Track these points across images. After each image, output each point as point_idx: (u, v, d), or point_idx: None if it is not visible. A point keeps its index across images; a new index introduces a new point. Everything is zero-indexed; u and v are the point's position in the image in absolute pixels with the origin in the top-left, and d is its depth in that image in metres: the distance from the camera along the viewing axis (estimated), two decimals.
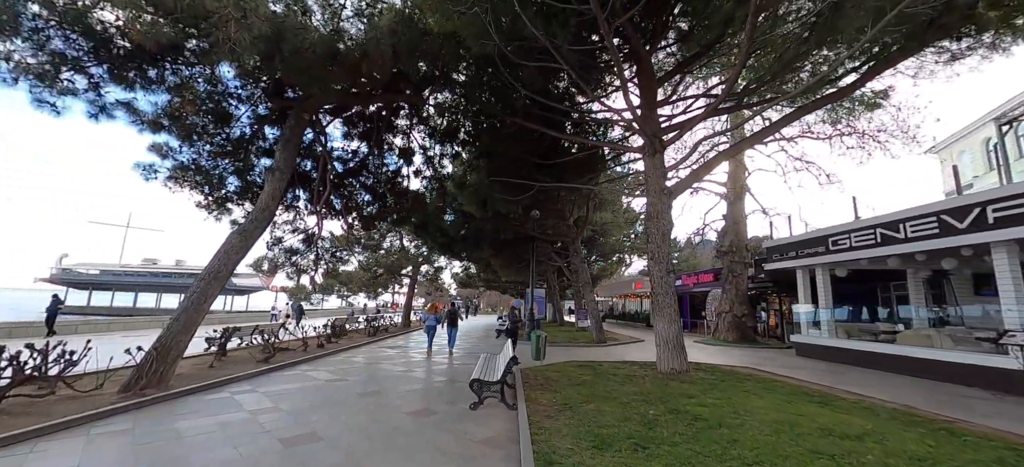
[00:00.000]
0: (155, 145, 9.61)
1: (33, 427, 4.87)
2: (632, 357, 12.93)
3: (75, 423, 5.25)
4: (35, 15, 6.11)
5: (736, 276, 17.34)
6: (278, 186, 8.78)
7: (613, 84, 11.34)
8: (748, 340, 16.82)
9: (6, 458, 4.25)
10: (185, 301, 7.53)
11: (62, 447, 4.55)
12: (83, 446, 4.60)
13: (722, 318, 17.60)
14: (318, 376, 8.84)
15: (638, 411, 5.87)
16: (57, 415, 5.41)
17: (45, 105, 6.83)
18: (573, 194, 15.93)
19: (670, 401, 6.46)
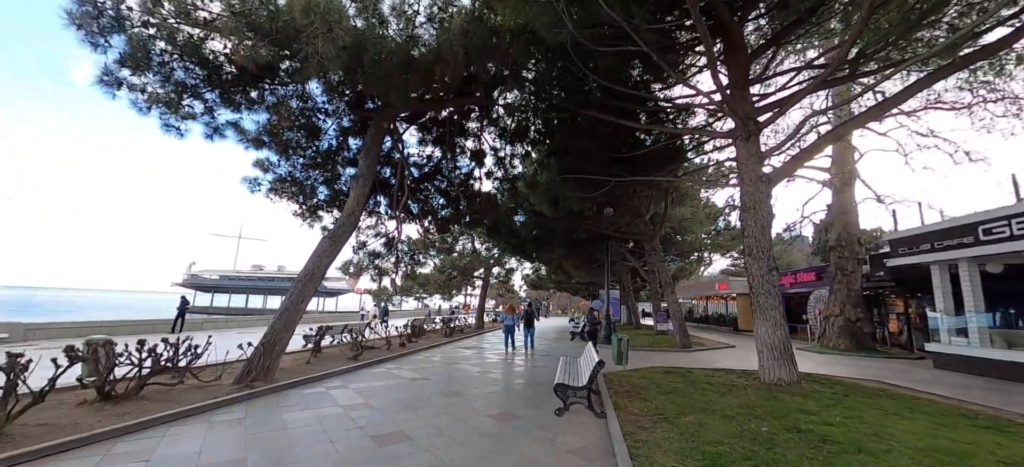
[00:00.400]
0: (258, 161, 10.63)
1: (166, 413, 5.46)
2: (724, 364, 11.78)
3: (199, 410, 5.82)
4: (162, 50, 6.98)
5: (847, 274, 15.12)
6: (362, 192, 9.22)
7: (695, 65, 10.44)
8: (864, 348, 14.56)
9: (147, 439, 4.77)
10: (285, 301, 8.15)
11: (189, 431, 5.03)
12: (205, 431, 5.05)
13: (830, 322, 15.44)
14: (402, 374, 9.11)
15: (748, 427, 5.14)
16: (185, 402, 6.06)
17: (172, 129, 7.84)
18: (649, 189, 14.99)
19: (785, 417, 5.62)
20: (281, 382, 7.47)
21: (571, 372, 7.08)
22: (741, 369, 10.08)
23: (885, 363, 12.50)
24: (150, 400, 6.09)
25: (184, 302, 15.68)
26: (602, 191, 11.77)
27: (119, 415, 5.40)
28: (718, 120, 12.35)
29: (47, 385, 4.94)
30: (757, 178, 8.63)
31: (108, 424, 5.01)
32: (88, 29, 6.16)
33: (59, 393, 6.01)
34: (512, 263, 27.54)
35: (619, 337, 9.90)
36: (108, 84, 6.85)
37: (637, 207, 16.22)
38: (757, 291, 8.36)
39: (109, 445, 4.52)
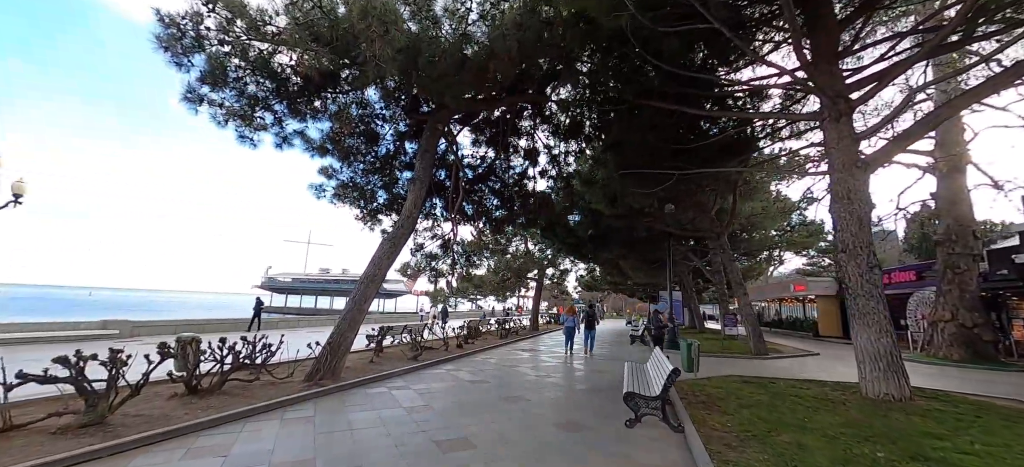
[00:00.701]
0: (323, 168, 11.13)
1: (244, 408, 5.71)
2: (808, 374, 10.59)
3: (272, 407, 6.04)
4: (236, 66, 7.43)
5: (959, 273, 13.06)
6: (419, 194, 9.29)
7: (771, 40, 9.44)
8: (984, 358, 12.45)
9: (226, 434, 4.97)
10: (349, 303, 8.37)
11: (264, 428, 5.20)
12: (278, 429, 5.19)
13: (939, 329, 13.42)
14: (461, 376, 9.04)
15: (859, 452, 4.40)
16: (261, 398, 6.34)
17: (246, 140, 8.36)
18: (715, 183, 13.89)
19: (903, 441, 4.77)
20: (347, 381, 7.65)
21: (640, 380, 6.57)
22: (834, 381, 8.93)
23: (1018, 377, 10.57)
24: (230, 395, 6.44)
25: (259, 303, 16.89)
26: (664, 186, 11.02)
27: (204, 409, 5.73)
28: (796, 102, 11.14)
29: (142, 379, 5.33)
30: (851, 163, 7.58)
31: (193, 417, 5.30)
32: (173, 51, 6.68)
33: (153, 386, 6.51)
34: (566, 264, 27.02)
35: (689, 342, 9.16)
36: (191, 101, 7.42)
37: (702, 202, 15.12)
38: (855, 293, 7.32)
39: (193, 439, 4.75)
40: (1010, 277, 12.78)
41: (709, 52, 9.25)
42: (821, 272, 36.75)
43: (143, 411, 5.54)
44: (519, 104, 11.82)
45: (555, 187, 13.50)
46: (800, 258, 35.18)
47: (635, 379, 6.57)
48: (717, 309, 54.81)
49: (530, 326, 24.04)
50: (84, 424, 4.68)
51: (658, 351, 7.88)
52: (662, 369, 6.13)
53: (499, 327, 19.53)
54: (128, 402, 5.29)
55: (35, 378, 4.50)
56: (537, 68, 10.27)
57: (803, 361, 13.36)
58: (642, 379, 6.68)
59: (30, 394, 5.27)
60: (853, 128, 7.80)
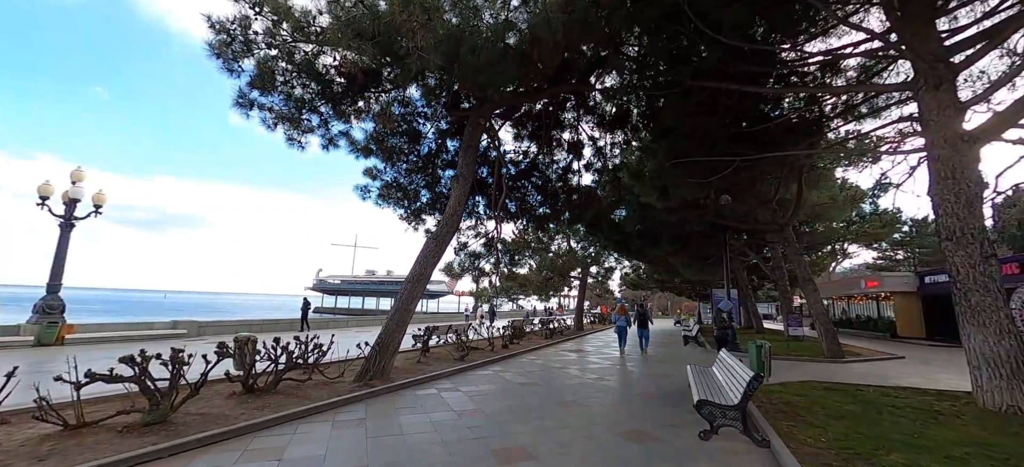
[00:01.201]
0: (367, 170, 11.22)
1: (297, 409, 5.67)
2: (897, 380, 9.40)
3: (325, 408, 5.98)
4: (283, 70, 7.52)
5: None
6: (462, 191, 9.07)
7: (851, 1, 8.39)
8: None
9: (280, 436, 4.91)
10: (396, 303, 8.28)
11: (316, 431, 5.10)
12: (330, 431, 5.08)
13: None
14: (510, 378, 8.72)
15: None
16: (313, 399, 6.31)
17: (294, 143, 8.50)
18: (779, 170, 12.76)
19: None
20: (395, 382, 7.53)
21: (709, 385, 5.95)
22: (935, 389, 7.82)
23: None
24: (284, 394, 6.46)
25: (306, 304, 17.42)
26: (721, 175, 10.17)
27: (259, 408, 5.74)
28: (875, 74, 9.90)
29: (201, 379, 5.39)
30: (955, 137, 6.55)
31: (250, 417, 5.30)
32: (225, 57, 6.84)
33: (213, 385, 6.67)
34: (610, 262, 26.15)
35: (759, 344, 8.32)
36: (243, 106, 7.60)
37: (762, 192, 13.96)
38: (966, 287, 6.31)
39: (249, 439, 4.71)
40: None
41: (776, 21, 8.36)
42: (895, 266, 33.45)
43: (204, 409, 5.62)
44: (562, 95, 11.36)
45: (600, 181, 12.92)
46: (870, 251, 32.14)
47: (703, 385, 5.96)
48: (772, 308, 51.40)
49: (574, 326, 23.44)
50: (148, 422, 4.76)
51: (725, 353, 7.18)
52: (736, 374, 5.50)
53: (543, 327, 19.12)
54: (189, 401, 5.38)
55: (102, 377, 4.61)
56: (581, 56, 9.79)
57: (886, 365, 11.95)
58: (711, 385, 6.05)
59: (103, 391, 5.47)
60: (957, 96, 6.75)
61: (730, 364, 6.24)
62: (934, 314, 21.58)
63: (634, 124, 11.52)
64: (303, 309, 17.24)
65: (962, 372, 11.22)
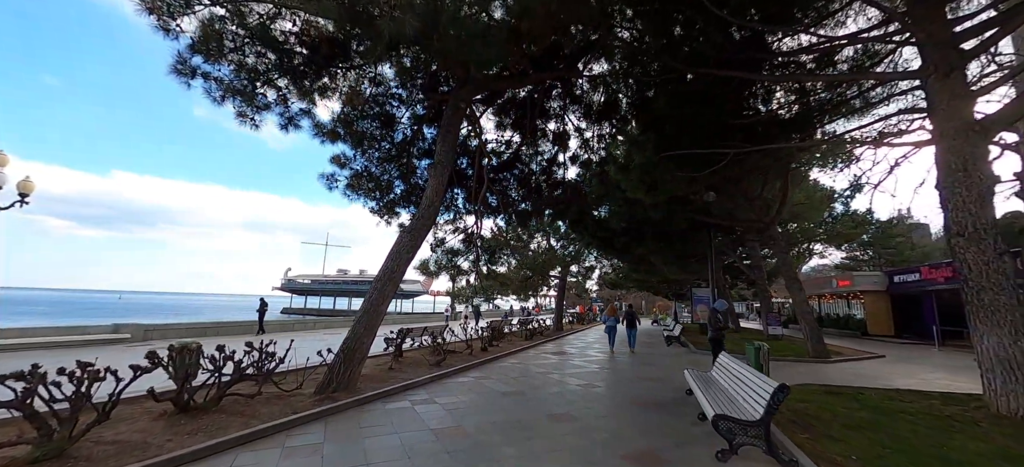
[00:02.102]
0: (335, 157, 10.18)
1: (240, 434, 4.70)
2: (885, 379, 9.22)
3: (275, 430, 5.03)
4: (233, 35, 6.47)
5: None
6: (440, 180, 8.23)
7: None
8: None
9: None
10: (365, 303, 7.36)
11: (260, 461, 4.18)
12: (277, 461, 4.17)
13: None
14: (493, 386, 7.93)
15: None
16: (262, 417, 5.35)
17: (246, 120, 7.43)
18: (768, 166, 12.49)
19: None
20: (363, 394, 6.61)
21: (718, 395, 5.35)
22: (937, 392, 7.54)
23: None
24: (227, 413, 5.47)
25: (263, 305, 15.93)
26: (713, 169, 9.72)
27: (192, 432, 4.75)
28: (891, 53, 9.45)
29: (110, 400, 4.36)
30: (966, 127, 6.21)
31: (178, 446, 4.32)
32: (159, 13, 5.75)
33: (140, 403, 5.61)
34: (590, 260, 25.75)
35: (757, 346, 7.87)
36: (182, 73, 6.50)
37: (748, 189, 13.71)
38: (979, 285, 5.96)
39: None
40: None
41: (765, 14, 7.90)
42: (859, 266, 34.54)
43: (123, 435, 4.60)
44: (548, 82, 10.67)
45: (586, 175, 12.30)
46: (839, 252, 33.01)
47: (712, 395, 5.36)
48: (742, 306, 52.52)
49: (554, 327, 22.86)
50: (37, 459, 3.73)
51: (727, 358, 6.63)
52: (750, 384, 4.91)
53: (523, 328, 18.42)
54: (101, 426, 4.35)
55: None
56: (570, 38, 9.12)
57: (870, 365, 11.85)
58: (719, 394, 5.46)
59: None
60: (967, 85, 6.42)
61: (738, 371, 5.67)
62: (902, 312, 22.18)
63: (623, 115, 10.96)
64: (260, 311, 15.78)
65: (946, 370, 11.27)
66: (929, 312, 20.23)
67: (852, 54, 8.86)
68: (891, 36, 7.47)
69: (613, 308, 16.71)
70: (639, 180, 11.48)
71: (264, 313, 15.79)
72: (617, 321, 15.56)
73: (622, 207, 12.95)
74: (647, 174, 11.09)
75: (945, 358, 13.58)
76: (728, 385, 5.74)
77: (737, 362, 6.01)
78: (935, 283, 18.71)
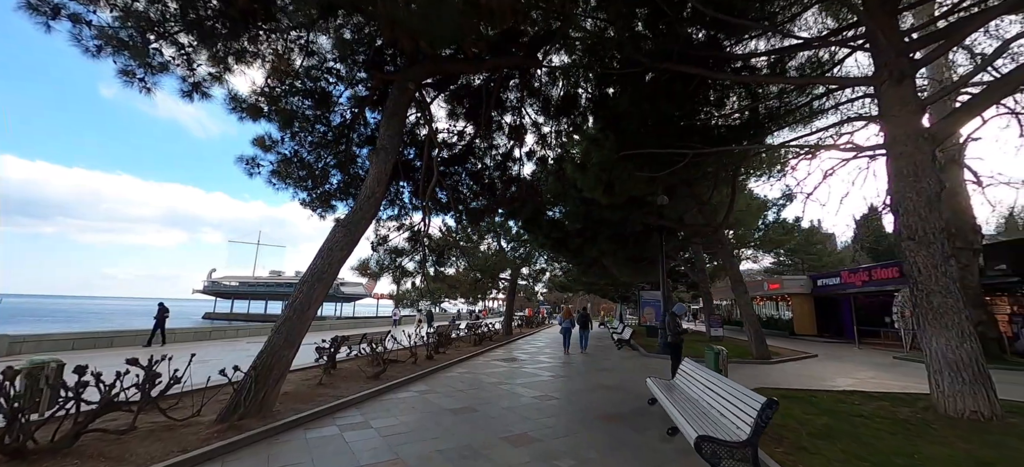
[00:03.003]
0: (258, 138, 8.76)
1: None
2: (830, 380, 9.48)
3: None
4: None
5: (961, 268, 12.50)
6: (383, 169, 7.22)
7: None
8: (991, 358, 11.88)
9: None
10: (287, 308, 6.18)
11: None
12: None
13: None
14: (439, 402, 7.03)
15: None
16: (136, 460, 4.11)
17: (133, 81, 5.94)
18: (716, 172, 12.72)
19: None
20: (280, 421, 5.46)
21: (688, 408, 4.89)
22: (881, 392, 7.71)
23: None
24: (84, 458, 4.14)
25: (162, 310, 13.62)
26: (674, 169, 9.56)
27: None
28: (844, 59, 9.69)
29: None
30: (916, 134, 6.34)
31: None
32: None
33: None
34: (541, 263, 25.41)
35: (717, 350, 7.66)
36: (40, 12, 4.99)
37: (699, 193, 13.91)
38: (928, 288, 6.04)
39: None
40: (1008, 274, 12.42)
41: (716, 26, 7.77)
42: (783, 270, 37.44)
43: None
44: (505, 71, 9.98)
45: (542, 173, 11.76)
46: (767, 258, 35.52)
47: (680, 407, 4.89)
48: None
49: (503, 331, 22.18)
50: None
51: (692, 365, 6.28)
52: (727, 395, 4.48)
53: (472, 333, 17.55)
54: None
55: None
56: (530, 22, 8.52)
57: (809, 365, 12.35)
58: (688, 406, 5.01)
59: None
60: (917, 93, 6.57)
61: (707, 380, 5.28)
62: (823, 313, 24.04)
63: (582, 110, 10.53)
64: (158, 318, 13.46)
65: (872, 368, 11.89)
66: (847, 313, 22.05)
67: (806, 59, 9.02)
68: (847, 40, 7.59)
69: (568, 311, 17.04)
70: (596, 179, 11.11)
71: (164, 320, 13.45)
72: (572, 323, 16.03)
73: (578, 207, 12.57)
74: (605, 173, 10.75)
75: (866, 356, 14.59)
76: (698, 395, 5.32)
77: (706, 370, 5.63)
78: (853, 286, 20.38)
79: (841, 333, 22.55)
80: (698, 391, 5.41)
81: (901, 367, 11.91)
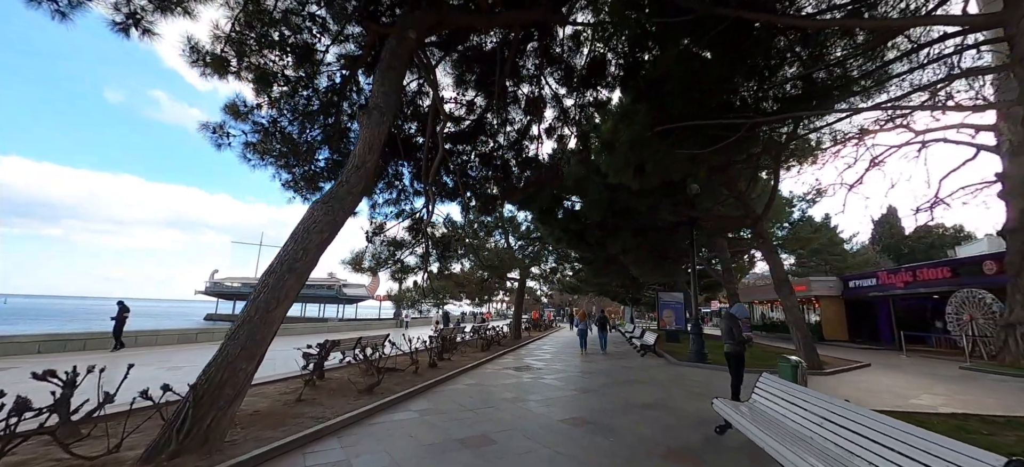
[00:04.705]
0: (229, 103, 7.33)
1: None
2: (915, 398, 7.89)
3: None
4: None
5: None
6: (376, 133, 5.75)
7: None
8: None
9: None
10: (248, 308, 4.71)
11: None
12: None
13: (1018, 334, 11.18)
14: (445, 428, 5.53)
15: None
16: None
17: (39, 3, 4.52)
18: (759, 156, 11.20)
19: None
20: (228, 461, 3.98)
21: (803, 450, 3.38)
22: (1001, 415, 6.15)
23: None
24: None
25: (121, 309, 11.96)
26: (723, 144, 8.04)
27: None
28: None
29: None
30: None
31: None
32: None
33: None
34: (551, 262, 23.92)
35: (794, 362, 6.15)
36: None
37: (733, 181, 12.37)
38: None
39: None
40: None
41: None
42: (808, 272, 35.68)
43: None
44: (521, 33, 8.52)
45: (563, 153, 10.27)
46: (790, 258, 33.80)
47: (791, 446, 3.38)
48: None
49: (512, 334, 20.66)
50: None
51: (779, 383, 4.78)
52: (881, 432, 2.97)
53: (478, 336, 16.04)
54: None
55: None
56: None
57: (866, 376, 10.76)
58: (799, 445, 3.50)
59: None
60: None
61: (827, 407, 3.76)
62: (855, 317, 22.34)
63: (610, 80, 9.04)
64: (116, 319, 11.84)
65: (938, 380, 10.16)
66: (885, 317, 20.37)
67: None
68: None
69: (583, 313, 17.44)
70: (625, 160, 9.59)
71: (123, 323, 11.83)
72: (587, 325, 16.49)
73: (601, 194, 11.05)
74: (636, 152, 9.22)
75: (922, 365, 12.94)
76: (807, 426, 3.81)
77: (813, 393, 4.12)
78: (893, 288, 18.71)
79: (875, 338, 20.86)
80: (804, 420, 3.90)
81: (977, 380, 10.29)
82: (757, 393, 5.11)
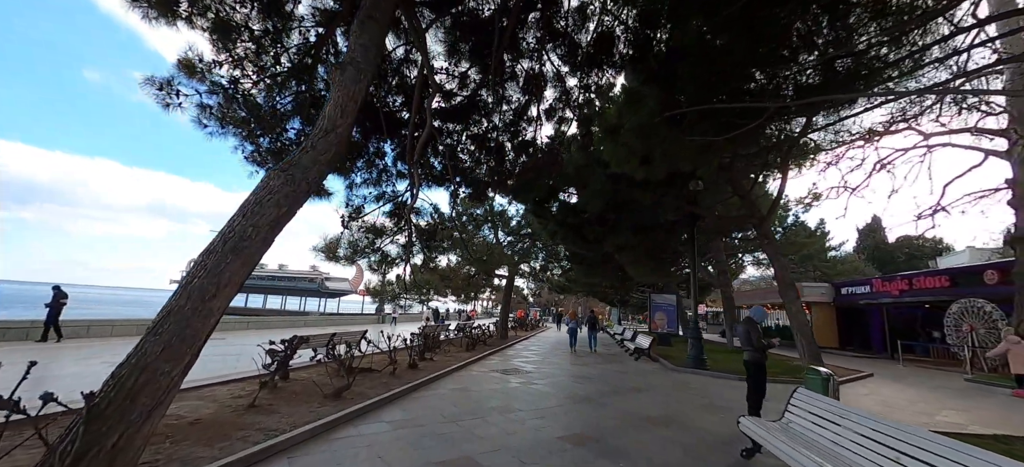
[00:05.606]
0: (182, 60, 6.26)
1: None
2: (938, 414, 7.28)
3: None
4: None
5: None
6: (351, 92, 4.81)
7: None
8: None
9: None
10: (176, 296, 3.73)
11: None
12: None
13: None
14: (422, 446, 4.63)
15: None
16: None
17: None
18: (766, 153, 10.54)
19: None
20: None
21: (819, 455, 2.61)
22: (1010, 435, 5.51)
23: None
24: None
25: (57, 296, 10.27)
26: (741, 131, 7.30)
27: None
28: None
29: None
30: None
31: None
32: None
33: None
34: (541, 259, 23.12)
35: (825, 374, 5.43)
36: None
37: (738, 178, 11.71)
38: None
39: None
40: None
41: None
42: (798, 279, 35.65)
43: None
44: (523, 1, 7.63)
45: (563, 138, 9.43)
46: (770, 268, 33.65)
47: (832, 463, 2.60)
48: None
49: (499, 333, 19.79)
50: None
51: (808, 394, 4.04)
52: None
53: (463, 335, 15.13)
54: None
55: None
56: None
57: (871, 387, 10.24)
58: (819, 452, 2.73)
59: None
60: None
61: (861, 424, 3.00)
62: (847, 324, 22.13)
63: (619, 58, 8.23)
64: (51, 306, 10.16)
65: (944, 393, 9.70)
66: (878, 325, 20.13)
67: None
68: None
69: (573, 313, 18.55)
70: (630, 149, 8.83)
71: (58, 311, 10.20)
72: (577, 324, 17.31)
73: (603, 185, 10.24)
74: (642, 139, 8.45)
75: (922, 376, 12.53)
76: (862, 454, 3.05)
77: (859, 412, 3.36)
78: (887, 296, 18.41)
79: (867, 346, 20.63)
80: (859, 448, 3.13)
81: (985, 393, 9.83)
82: (792, 411, 4.35)
